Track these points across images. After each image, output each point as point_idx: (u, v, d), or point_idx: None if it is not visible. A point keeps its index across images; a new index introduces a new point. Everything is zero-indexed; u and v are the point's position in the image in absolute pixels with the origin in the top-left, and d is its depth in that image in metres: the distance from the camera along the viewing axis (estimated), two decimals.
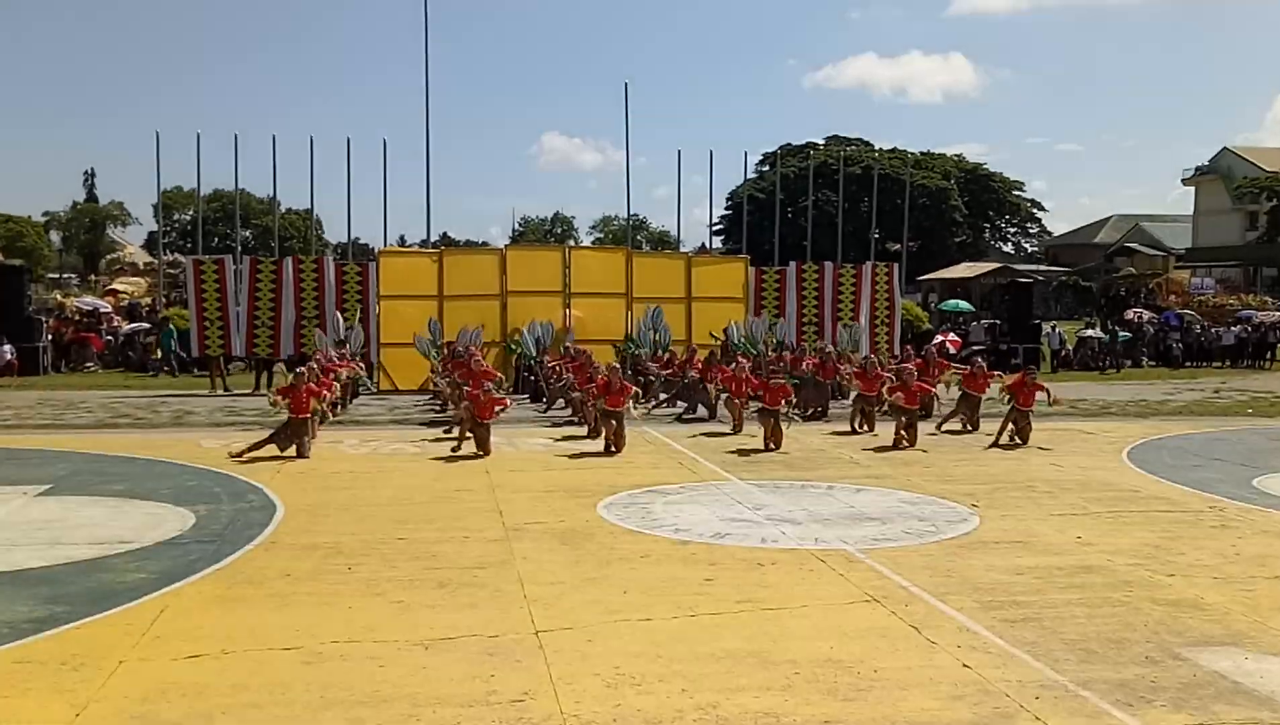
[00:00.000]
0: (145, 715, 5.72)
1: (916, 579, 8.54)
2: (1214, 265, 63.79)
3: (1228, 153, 72.40)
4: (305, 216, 62.25)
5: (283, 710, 5.80)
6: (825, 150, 71.82)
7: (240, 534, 9.99)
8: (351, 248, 39.28)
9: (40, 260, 63.88)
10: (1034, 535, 10.18)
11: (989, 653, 6.81)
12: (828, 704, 5.95)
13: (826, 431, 17.68)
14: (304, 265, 25.50)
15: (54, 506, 11.13)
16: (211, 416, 19.33)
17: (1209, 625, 7.44)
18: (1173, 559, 9.27)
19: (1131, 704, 5.96)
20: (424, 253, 28.82)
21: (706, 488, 12.63)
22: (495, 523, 10.59)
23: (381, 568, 8.81)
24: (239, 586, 8.28)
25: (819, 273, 27.67)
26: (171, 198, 71.46)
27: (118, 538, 9.80)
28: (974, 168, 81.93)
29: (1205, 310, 42.28)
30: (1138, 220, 78.01)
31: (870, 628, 7.34)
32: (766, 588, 8.32)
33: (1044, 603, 7.94)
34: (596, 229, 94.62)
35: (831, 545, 9.69)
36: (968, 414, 17.57)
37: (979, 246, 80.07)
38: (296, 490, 12.17)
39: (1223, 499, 12.06)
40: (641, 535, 10.10)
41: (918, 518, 10.98)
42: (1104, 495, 12.27)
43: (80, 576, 8.52)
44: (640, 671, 6.41)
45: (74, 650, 6.72)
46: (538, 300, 24.42)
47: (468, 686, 6.16)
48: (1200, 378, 29.92)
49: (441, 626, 7.28)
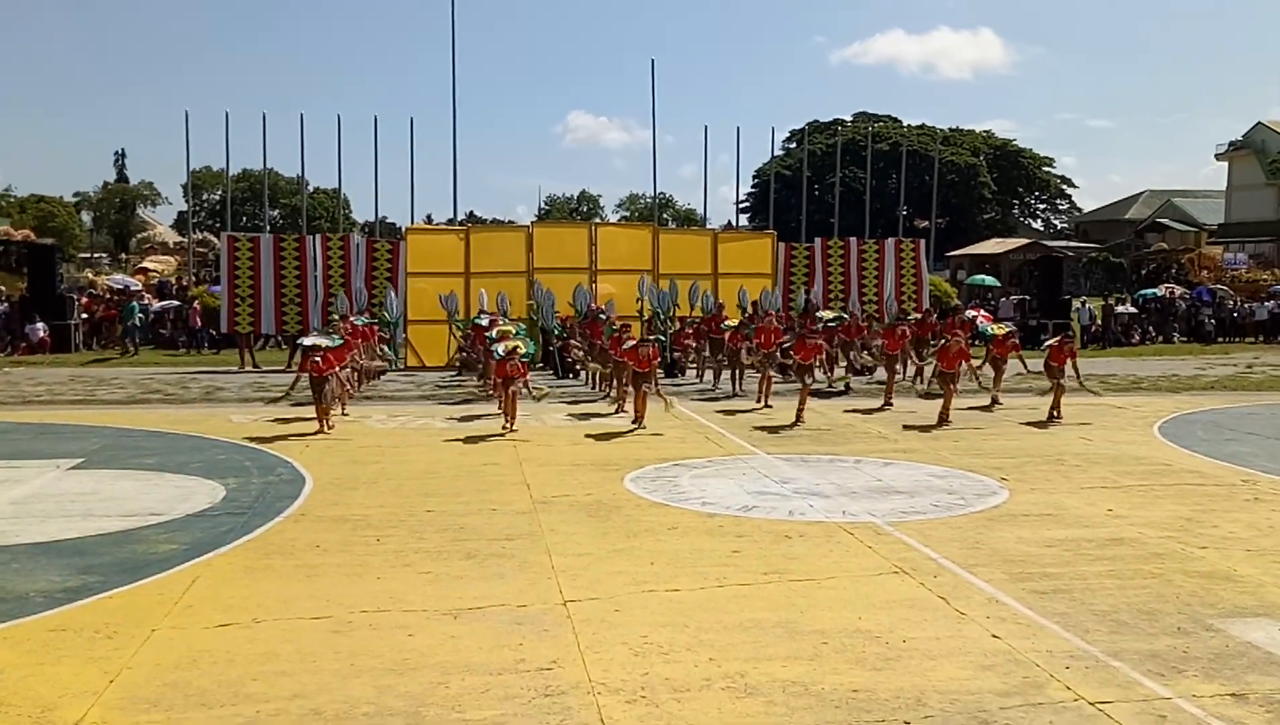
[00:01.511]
0: (177, 683, 5.77)
1: (945, 551, 8.50)
2: (1247, 240, 62.90)
3: (1262, 127, 71.19)
4: (333, 195, 62.62)
5: (312, 678, 5.84)
6: (853, 127, 71.38)
7: (270, 506, 10.06)
8: (379, 226, 39.40)
9: (71, 240, 64.33)
10: (1064, 508, 10.10)
11: (1018, 623, 6.77)
12: (856, 673, 5.93)
13: (849, 407, 17.60)
14: (331, 243, 25.60)
15: (86, 480, 11.23)
16: (241, 392, 19.46)
17: (1242, 597, 7.37)
18: (1205, 532, 9.19)
19: (1163, 674, 5.91)
20: (451, 230, 28.84)
21: (733, 461, 12.61)
22: (523, 495, 10.61)
23: (410, 539, 8.85)
24: (269, 557, 8.34)
25: (844, 249, 27.59)
26: (200, 177, 71.85)
27: (149, 510, 9.89)
28: (1003, 144, 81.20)
29: (1238, 285, 41.79)
30: (1169, 196, 77.00)
31: (899, 599, 7.31)
32: (794, 559, 8.30)
33: (1074, 574, 7.88)
34: (623, 207, 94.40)
35: (859, 518, 9.66)
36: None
37: (1008, 223, 79.45)
38: (325, 464, 12.24)
39: (1256, 473, 11.93)
40: (668, 508, 10.09)
41: (946, 491, 10.92)
42: (1135, 469, 12.16)
43: (112, 547, 8.61)
44: (668, 641, 6.41)
45: (107, 619, 6.79)
46: (565, 277, 24.39)
47: (496, 655, 6.18)
48: (1233, 353, 29.61)
49: (470, 597, 7.30)
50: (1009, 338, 17.70)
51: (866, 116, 78.09)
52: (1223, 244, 61.16)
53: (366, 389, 18.85)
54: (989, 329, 18.51)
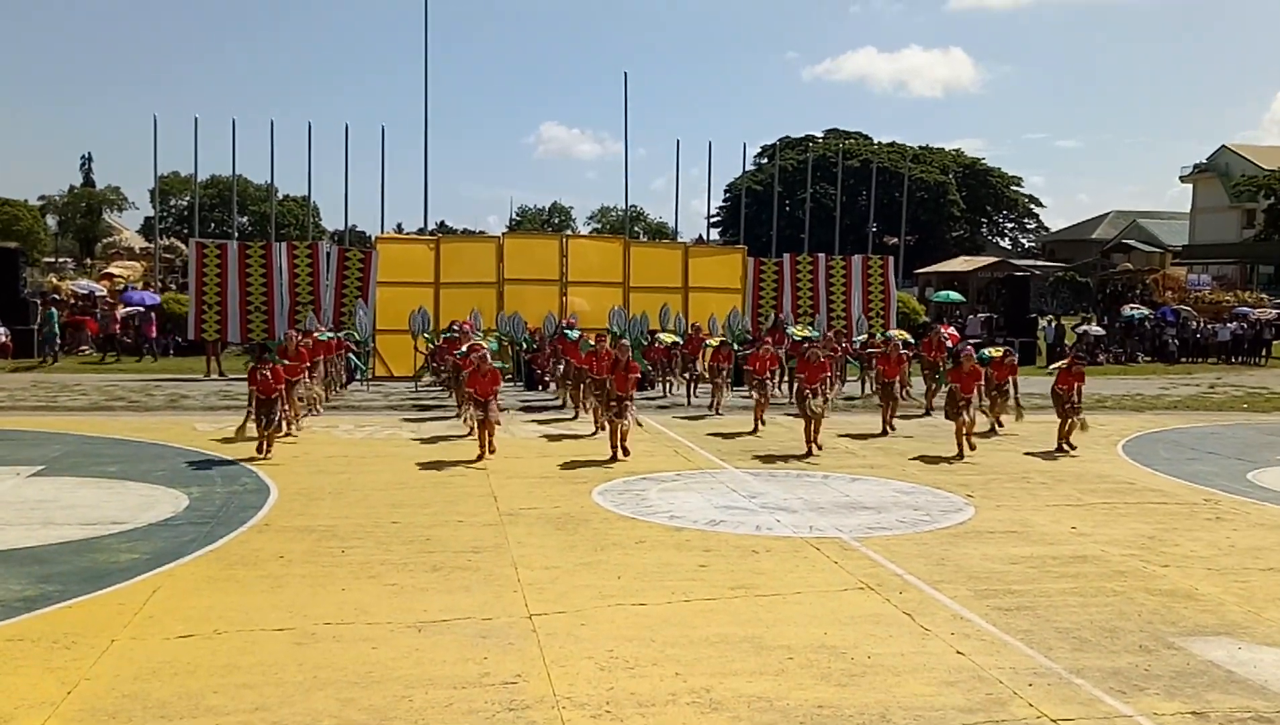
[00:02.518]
0: (136, 694, 5.70)
1: (910, 567, 8.53)
2: (1211, 262, 63.80)
3: (1226, 150, 72.28)
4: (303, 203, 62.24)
5: (275, 691, 5.79)
6: (824, 143, 71.85)
7: (234, 516, 9.97)
8: (349, 235, 39.21)
9: (36, 244, 63.53)
10: (1029, 525, 10.17)
11: (982, 640, 6.81)
12: (821, 689, 5.94)
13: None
14: (299, 251, 25.43)
15: (47, 487, 11.10)
16: (206, 400, 19.28)
17: (1203, 615, 7.45)
18: (1167, 550, 9.28)
19: (1125, 692, 5.96)
20: (422, 240, 28.69)
21: (701, 476, 12.61)
22: (490, 508, 10.57)
23: (375, 551, 8.79)
24: (232, 568, 8.26)
25: (812, 264, 27.73)
26: (168, 183, 71.26)
27: (111, 518, 9.78)
28: (973, 162, 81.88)
29: (1202, 306, 42.27)
30: (1135, 216, 77.96)
31: (864, 614, 7.33)
32: (761, 574, 8.31)
33: (1038, 592, 7.93)
34: (594, 219, 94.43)
35: (826, 533, 9.69)
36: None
37: (976, 241, 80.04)
38: (291, 473, 12.14)
39: (1217, 492, 12.07)
40: (636, 522, 10.08)
41: (913, 507, 10.97)
42: (1099, 487, 12.26)
43: (73, 556, 8.50)
44: (633, 655, 6.40)
45: (66, 629, 6.70)
46: (535, 289, 24.34)
47: (461, 669, 6.14)
48: (1196, 373, 29.92)
49: (435, 609, 7.26)
50: (1006, 358, 16.87)
51: (838, 133, 78.61)
52: (1187, 265, 61.93)
53: (326, 405, 18.52)
54: (985, 353, 17.49)
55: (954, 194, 76.60)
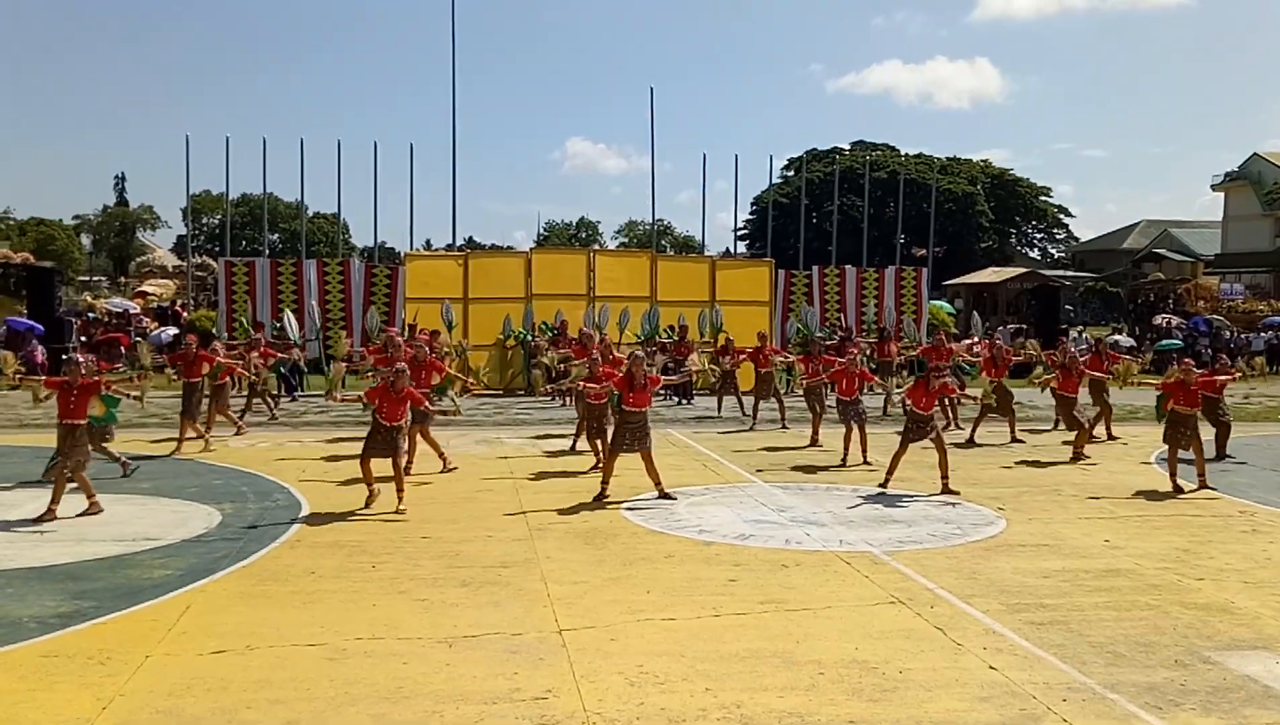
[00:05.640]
0: (170, 710, 5.74)
1: (942, 581, 8.48)
2: (1243, 271, 63.13)
3: (1258, 158, 71.59)
4: (332, 220, 62.69)
5: (306, 706, 5.81)
6: (851, 155, 71.64)
7: (265, 532, 10.04)
8: (378, 251, 39.48)
9: (70, 263, 64.31)
10: (1060, 538, 10.09)
11: (1015, 654, 6.75)
12: (853, 705, 5.91)
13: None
14: (329, 268, 25.64)
15: (82, 503, 11.19)
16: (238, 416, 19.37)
17: (1239, 629, 7.36)
18: (1202, 563, 9.17)
19: (1160, 707, 5.89)
20: (450, 256, 28.88)
21: (730, 489, 12.59)
22: (518, 522, 10.59)
23: (405, 566, 8.83)
24: (264, 583, 8.31)
25: (840, 276, 27.71)
26: (200, 201, 72.07)
27: (144, 535, 9.86)
28: (1000, 173, 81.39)
29: (1234, 316, 41.89)
30: (1166, 226, 77.28)
31: (895, 629, 7.28)
32: (791, 589, 8.28)
33: (1071, 605, 7.86)
34: (621, 233, 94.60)
35: (856, 547, 9.64)
36: (1064, 414, 16.37)
37: (1005, 252, 79.52)
38: (322, 489, 12.21)
39: (1253, 504, 11.93)
40: (665, 536, 10.07)
41: (943, 520, 10.90)
42: (1132, 499, 12.15)
43: (107, 572, 8.58)
44: (663, 670, 6.39)
45: (100, 645, 6.76)
46: (563, 303, 24.42)
47: (491, 684, 6.15)
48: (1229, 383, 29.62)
49: (465, 625, 7.28)
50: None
51: (864, 145, 78.35)
52: (1219, 274, 61.34)
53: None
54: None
55: (982, 205, 76.16)
